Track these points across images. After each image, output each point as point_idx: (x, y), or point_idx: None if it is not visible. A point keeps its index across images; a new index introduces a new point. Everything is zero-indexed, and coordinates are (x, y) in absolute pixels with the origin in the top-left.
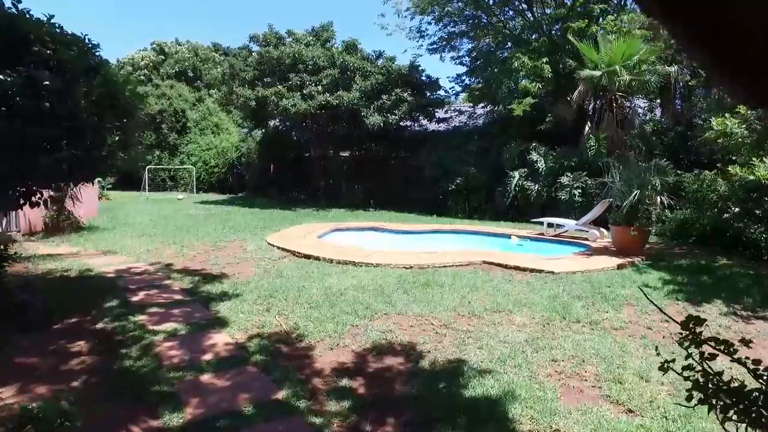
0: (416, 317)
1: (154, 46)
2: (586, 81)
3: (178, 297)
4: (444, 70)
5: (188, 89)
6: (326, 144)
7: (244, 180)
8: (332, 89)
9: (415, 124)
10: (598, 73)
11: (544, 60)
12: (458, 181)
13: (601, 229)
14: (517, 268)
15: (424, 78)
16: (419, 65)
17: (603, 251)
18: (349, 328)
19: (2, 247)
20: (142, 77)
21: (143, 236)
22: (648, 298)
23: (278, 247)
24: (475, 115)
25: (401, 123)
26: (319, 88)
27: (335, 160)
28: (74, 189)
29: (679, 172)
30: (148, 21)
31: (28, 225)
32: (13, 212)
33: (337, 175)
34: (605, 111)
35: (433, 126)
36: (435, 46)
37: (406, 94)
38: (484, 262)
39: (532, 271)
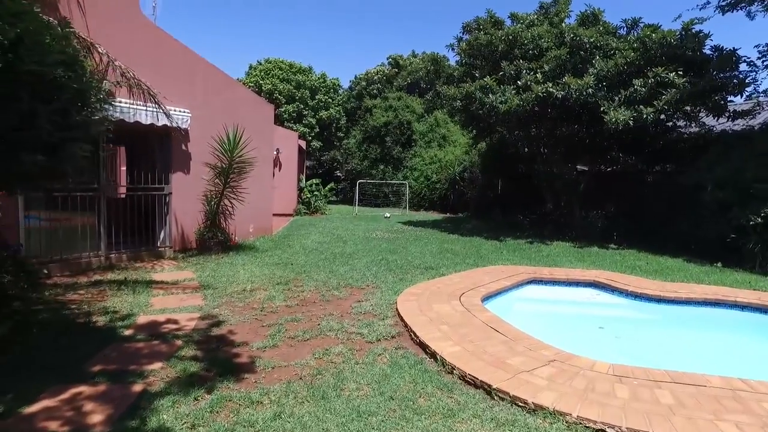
0: None
1: (390, 60)
2: None
3: (94, 420)
4: (746, 37)
5: (418, 101)
6: (554, 154)
7: (466, 198)
8: (557, 76)
9: (692, 124)
10: None
11: None
12: (765, 212)
13: None
14: None
15: (707, 50)
16: (700, 31)
17: None
18: None
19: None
20: (375, 91)
21: (276, 266)
22: None
23: (399, 315)
24: None
25: (666, 122)
26: (538, 75)
27: (565, 175)
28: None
29: None
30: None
31: (180, 240)
32: (167, 226)
33: (568, 196)
34: None
35: (721, 123)
36: None
37: (672, 75)
38: None
39: None
